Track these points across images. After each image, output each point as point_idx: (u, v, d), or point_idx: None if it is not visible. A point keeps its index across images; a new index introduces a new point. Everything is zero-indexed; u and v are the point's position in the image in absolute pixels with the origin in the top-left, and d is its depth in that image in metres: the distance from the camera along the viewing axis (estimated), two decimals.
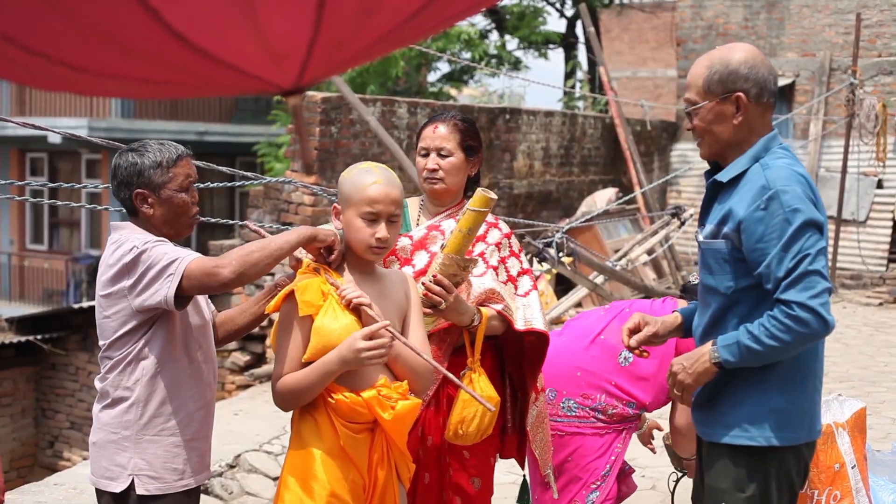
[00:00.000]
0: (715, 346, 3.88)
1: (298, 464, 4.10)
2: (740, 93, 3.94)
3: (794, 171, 3.89)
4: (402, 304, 4.26)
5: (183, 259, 4.05)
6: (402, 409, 4.04)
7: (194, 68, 1.74)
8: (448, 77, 25.90)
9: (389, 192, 4.07)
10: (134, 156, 4.28)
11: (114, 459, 4.25)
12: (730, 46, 4.09)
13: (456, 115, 4.82)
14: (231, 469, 8.27)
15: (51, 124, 22.93)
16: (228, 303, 13.26)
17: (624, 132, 19.26)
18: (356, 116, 12.91)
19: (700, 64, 4.03)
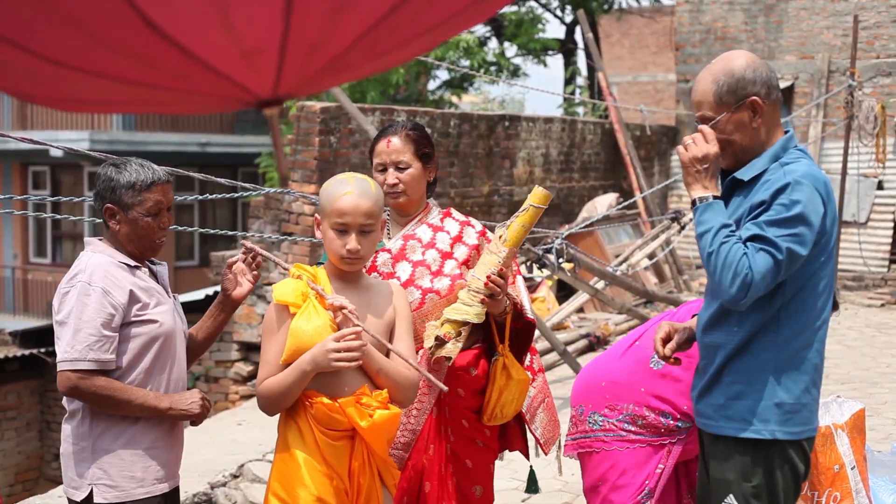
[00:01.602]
0: (702, 202, 4.03)
1: (284, 469, 4.13)
2: (754, 97, 4.00)
3: (814, 171, 3.96)
4: (389, 315, 4.27)
5: (86, 351, 4.17)
6: (380, 418, 4.06)
7: (173, 67, 1.75)
8: (448, 85, 25.94)
9: (359, 204, 4.10)
10: (113, 171, 4.37)
11: (76, 470, 4.33)
12: (727, 56, 4.13)
13: (406, 125, 4.83)
14: (235, 479, 8.28)
15: (52, 138, 22.99)
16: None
17: (624, 137, 19.27)
18: (355, 126, 12.93)
19: (704, 80, 4.06)
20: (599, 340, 13.40)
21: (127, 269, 4.36)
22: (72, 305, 4.20)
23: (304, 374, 4.02)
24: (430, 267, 4.74)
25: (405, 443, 4.69)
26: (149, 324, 4.35)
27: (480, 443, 4.84)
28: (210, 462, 8.62)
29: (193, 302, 13.56)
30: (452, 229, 4.86)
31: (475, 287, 4.52)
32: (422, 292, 4.69)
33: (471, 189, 15.24)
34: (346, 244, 4.10)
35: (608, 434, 4.96)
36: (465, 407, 4.76)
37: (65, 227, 28.02)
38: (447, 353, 4.50)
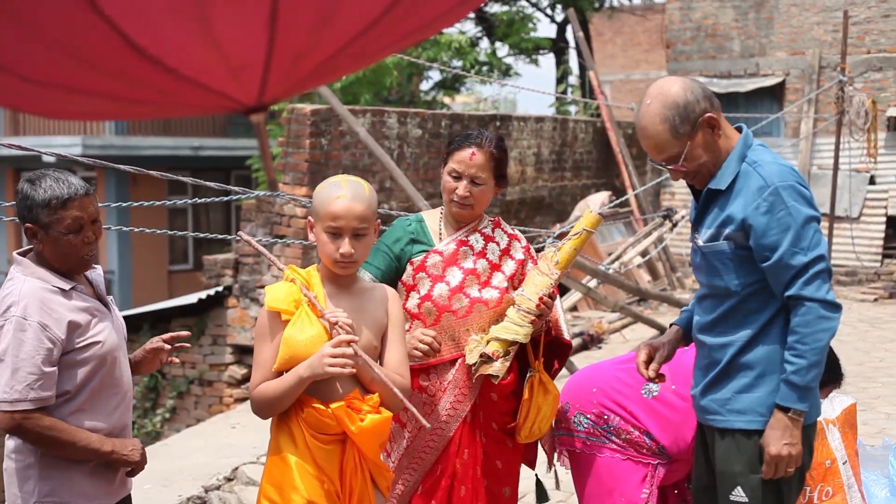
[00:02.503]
0: (785, 410, 3.96)
1: (276, 472, 4.13)
2: (705, 114, 3.99)
3: (784, 166, 4.01)
4: (381, 320, 4.25)
5: (27, 391, 4.04)
6: (370, 423, 4.06)
7: (158, 84, 1.76)
8: (440, 85, 25.95)
9: (352, 208, 4.07)
10: (29, 188, 4.15)
11: (20, 486, 4.21)
12: (658, 91, 4.05)
13: (492, 142, 4.75)
14: (229, 482, 8.29)
15: (45, 143, 23.00)
16: (224, 316, 13.29)
17: (615, 135, 19.29)
18: (346, 128, 12.94)
19: (652, 124, 4.01)
20: (593, 339, 13.41)
21: (62, 293, 4.19)
22: (8, 342, 4.02)
23: (301, 381, 4.01)
24: (480, 277, 4.74)
25: (433, 447, 4.70)
26: (92, 346, 4.23)
27: (510, 444, 4.84)
28: (204, 465, 8.63)
29: (187, 306, 13.55)
30: (502, 241, 4.87)
31: (526, 307, 4.54)
32: (470, 301, 4.69)
33: None
34: (339, 248, 4.07)
35: (591, 438, 4.99)
36: (497, 411, 4.77)
37: None
38: (495, 372, 4.51)
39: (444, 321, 4.67)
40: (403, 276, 4.77)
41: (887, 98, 19.46)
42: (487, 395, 4.70)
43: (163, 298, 20.58)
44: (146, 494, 7.68)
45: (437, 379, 4.71)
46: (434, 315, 4.68)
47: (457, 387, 4.68)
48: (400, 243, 4.79)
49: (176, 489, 7.99)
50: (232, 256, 13.39)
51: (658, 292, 15.58)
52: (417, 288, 4.73)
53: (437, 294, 4.68)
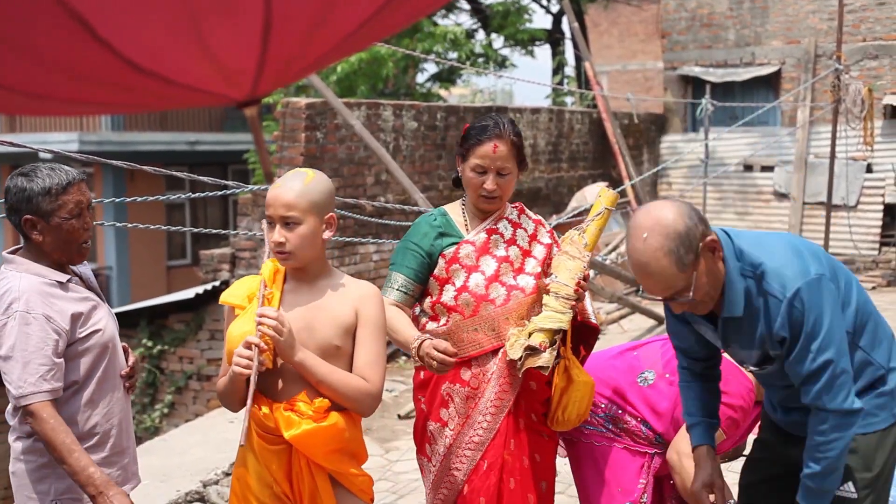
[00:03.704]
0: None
1: (238, 471, 4.12)
2: (706, 238, 3.78)
3: (779, 260, 3.84)
4: (346, 318, 4.11)
5: (41, 382, 4.07)
6: (304, 431, 3.97)
7: (151, 90, 1.77)
8: (436, 77, 25.92)
9: (279, 195, 3.99)
10: (23, 181, 4.20)
11: (35, 487, 4.24)
12: (654, 223, 3.74)
13: (509, 129, 4.69)
14: (227, 477, 8.29)
15: (41, 140, 22.99)
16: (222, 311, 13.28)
17: (612, 126, 19.28)
18: (341, 121, 12.92)
19: (655, 260, 3.71)
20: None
21: (59, 286, 4.25)
22: (14, 337, 4.06)
23: (231, 378, 3.97)
24: (513, 263, 4.72)
25: (479, 442, 4.66)
26: (94, 335, 4.29)
27: (546, 435, 4.80)
28: (202, 460, 8.64)
29: (184, 301, 13.55)
30: (528, 227, 4.84)
31: (565, 294, 4.50)
32: (507, 289, 4.66)
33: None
34: (273, 237, 4.01)
35: (588, 427, 5.00)
36: (536, 400, 4.72)
37: None
38: (545, 363, 4.45)
39: (482, 311, 4.64)
40: (435, 271, 4.73)
41: (883, 86, 19.45)
42: (527, 385, 4.66)
43: (161, 294, 20.58)
44: (144, 490, 7.67)
45: (480, 371, 4.66)
46: (472, 306, 4.64)
47: (500, 377, 4.63)
48: (428, 238, 4.74)
49: (174, 484, 8.00)
50: (229, 251, 13.38)
51: None
52: (452, 280, 4.69)
53: (474, 284, 4.65)
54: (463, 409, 4.66)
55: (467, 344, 4.65)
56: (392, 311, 4.62)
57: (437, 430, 4.72)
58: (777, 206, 19.88)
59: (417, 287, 4.74)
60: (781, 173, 19.79)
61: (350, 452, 4.15)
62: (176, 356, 13.83)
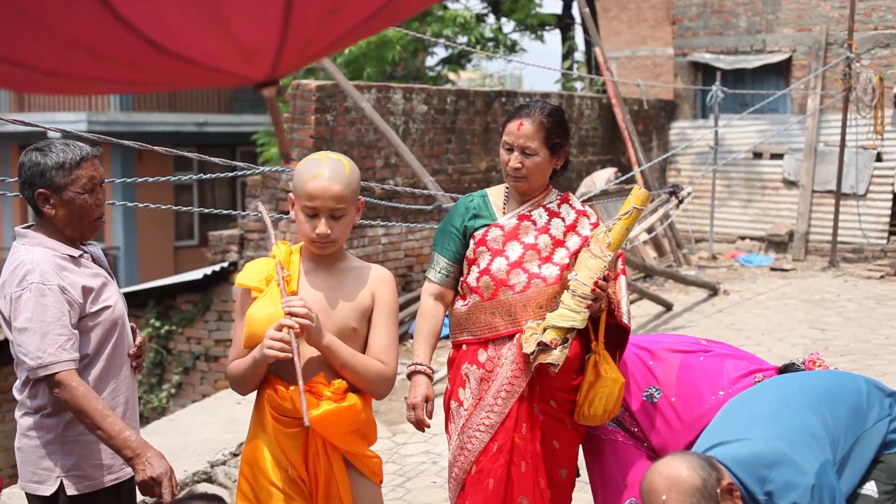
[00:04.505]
0: None
1: (249, 454, 4.13)
2: (722, 483, 3.76)
3: (784, 473, 3.84)
4: (363, 301, 4.15)
5: (60, 352, 4.08)
6: (325, 412, 3.98)
7: (170, 69, 1.77)
8: (446, 61, 25.89)
9: (329, 188, 3.98)
10: (38, 155, 4.23)
11: (39, 464, 4.24)
12: (666, 481, 3.73)
13: (543, 110, 4.71)
14: (234, 457, 8.30)
15: (50, 120, 22.98)
16: (229, 292, 13.29)
17: (621, 112, 19.24)
18: (351, 104, 12.91)
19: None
20: None
21: (71, 260, 4.26)
22: (32, 308, 4.08)
23: (256, 362, 3.99)
24: (541, 252, 4.72)
25: (490, 425, 4.67)
26: (104, 311, 4.31)
27: (569, 424, 4.80)
28: (209, 441, 8.64)
29: (192, 282, 13.56)
30: (568, 217, 4.82)
31: (581, 293, 4.49)
32: (528, 276, 4.67)
33: (468, 165, 15.23)
34: (314, 228, 4.01)
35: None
36: (554, 387, 4.71)
37: None
38: (554, 360, 4.47)
39: (500, 295, 4.66)
40: (467, 251, 4.76)
41: (894, 75, 19.38)
42: (545, 371, 4.63)
43: (169, 274, 20.60)
44: None
45: (495, 354, 4.69)
46: (491, 289, 4.66)
47: (514, 362, 4.64)
48: (462, 219, 4.79)
49: (182, 464, 8.00)
50: (237, 232, 13.38)
51: (664, 269, 15.59)
52: (478, 261, 4.72)
53: (496, 268, 4.67)
54: (477, 391, 4.68)
55: (483, 326, 4.67)
56: (426, 309, 4.71)
57: (455, 409, 4.78)
58: (786, 193, 19.83)
59: (457, 268, 4.81)
60: (791, 161, 19.74)
61: (363, 434, 4.19)
62: (183, 336, 13.84)
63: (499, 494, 4.66)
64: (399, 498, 7.51)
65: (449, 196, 11.09)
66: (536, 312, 4.62)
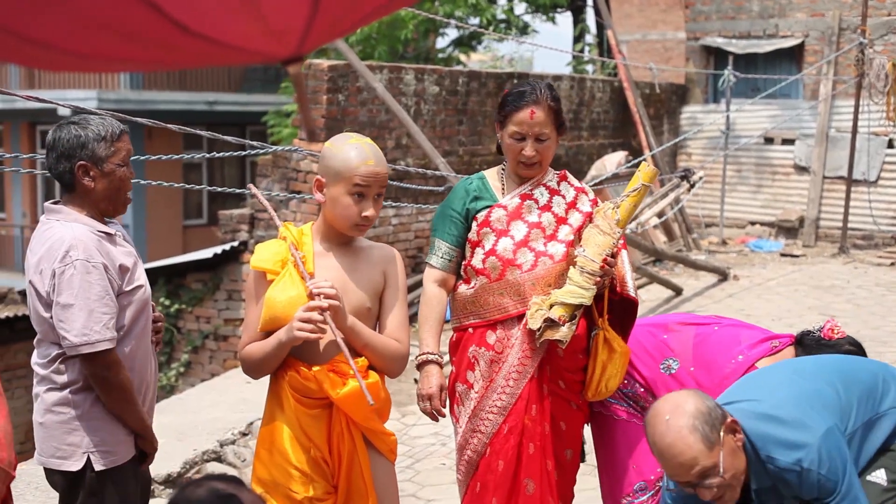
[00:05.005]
0: None
1: (266, 437, 4.15)
2: (727, 419, 3.78)
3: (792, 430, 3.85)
4: (375, 280, 4.21)
5: (104, 330, 4.14)
6: (352, 389, 4.02)
7: (195, 50, 1.76)
8: (456, 43, 25.82)
9: (379, 172, 4.10)
10: (77, 128, 4.24)
11: (64, 439, 4.27)
12: (671, 405, 3.80)
13: (547, 94, 4.68)
14: (244, 437, 8.31)
15: (60, 97, 22.96)
16: (239, 272, 13.30)
17: (633, 95, 19.20)
18: (363, 84, 12.88)
19: (681, 437, 3.71)
20: None
21: (107, 238, 4.30)
22: (77, 286, 4.10)
23: (280, 344, 4.01)
24: (545, 230, 4.71)
25: (502, 406, 4.66)
26: (138, 290, 4.36)
27: (574, 405, 4.81)
28: (219, 420, 8.66)
29: (202, 260, 13.56)
30: (568, 194, 4.82)
31: (590, 269, 4.50)
32: (535, 255, 4.66)
33: (479, 147, 15.20)
34: (362, 211, 4.07)
35: (610, 400, 4.96)
36: (563, 368, 4.71)
37: None
38: (562, 337, 4.48)
39: (508, 275, 4.64)
40: (469, 234, 4.74)
41: None
42: (554, 351, 4.64)
43: (177, 253, 20.60)
44: (161, 448, 7.68)
45: (505, 335, 4.67)
46: (499, 270, 4.65)
47: (524, 343, 4.63)
48: (463, 202, 4.76)
49: (191, 443, 8.02)
50: (248, 211, 13.38)
51: (674, 253, 15.57)
52: (482, 243, 4.71)
53: (502, 248, 4.66)
54: (487, 373, 4.67)
55: (492, 308, 4.66)
56: (431, 296, 4.69)
57: (463, 392, 4.75)
58: (797, 179, 19.78)
59: (459, 252, 4.79)
60: (802, 147, 19.69)
61: (381, 412, 4.23)
62: (193, 315, 13.85)
63: (507, 476, 4.67)
64: (408, 479, 7.52)
65: (460, 178, 11.07)
66: (545, 290, 4.61)
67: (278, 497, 4.10)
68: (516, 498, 4.67)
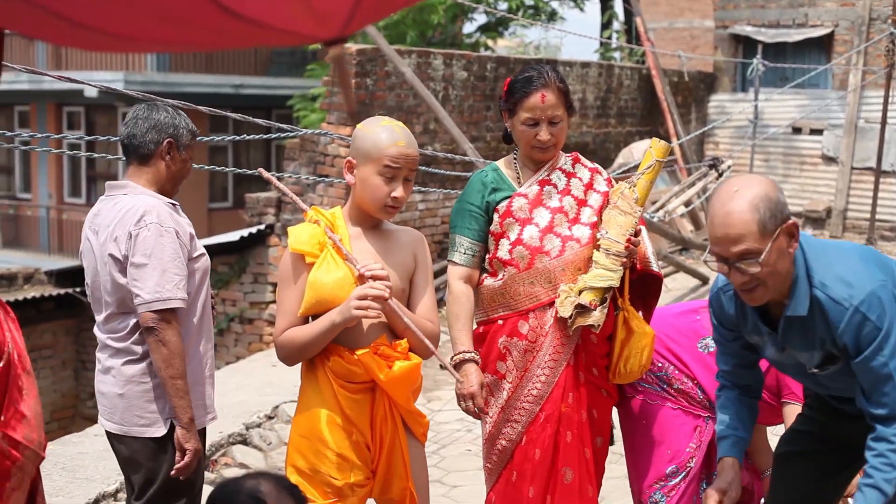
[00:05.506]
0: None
1: (304, 425, 4.15)
2: (790, 220, 3.67)
3: (849, 273, 3.74)
4: (407, 263, 4.24)
5: (175, 290, 4.38)
6: (399, 370, 4.05)
7: (239, 32, 1.76)
8: (483, 29, 25.77)
9: (410, 153, 4.10)
10: (175, 113, 4.65)
11: (146, 408, 4.48)
12: (742, 182, 3.72)
13: (554, 76, 4.66)
14: (269, 420, 8.33)
15: (87, 78, 22.99)
16: (266, 255, 13.31)
17: (661, 83, 19.14)
18: (392, 68, 12.86)
19: (739, 210, 3.62)
20: None
21: (173, 208, 4.57)
22: (151, 246, 4.34)
23: (334, 326, 4.01)
24: (568, 214, 4.68)
25: (537, 395, 4.64)
26: (200, 258, 4.60)
27: (605, 392, 4.79)
28: (245, 403, 8.67)
29: (228, 243, 13.57)
30: (584, 176, 4.79)
31: (615, 251, 4.50)
32: (561, 240, 4.63)
33: None
34: (392, 191, 4.08)
35: (643, 384, 4.93)
36: (597, 354, 4.70)
37: (99, 167, 28.08)
38: (594, 322, 4.47)
39: (537, 263, 4.61)
40: (491, 227, 4.71)
41: None
42: (588, 338, 4.63)
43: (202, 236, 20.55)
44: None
45: (538, 324, 4.64)
46: (527, 259, 4.62)
47: (558, 330, 4.60)
48: (482, 196, 4.72)
49: (217, 426, 8.02)
50: (275, 195, 13.38)
51: (701, 242, 15.51)
52: (507, 234, 4.67)
53: (528, 236, 4.63)
54: (521, 363, 4.63)
55: (524, 297, 4.63)
56: (459, 294, 4.67)
57: (493, 382, 4.71)
58: (825, 170, 19.70)
59: (482, 247, 4.74)
60: (830, 137, 19.60)
61: (414, 393, 4.27)
62: (219, 298, 13.86)
63: (545, 464, 4.64)
64: (434, 465, 7.51)
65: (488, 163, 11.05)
66: (574, 275, 4.59)
67: (316, 485, 4.09)
68: (554, 486, 4.65)
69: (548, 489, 4.65)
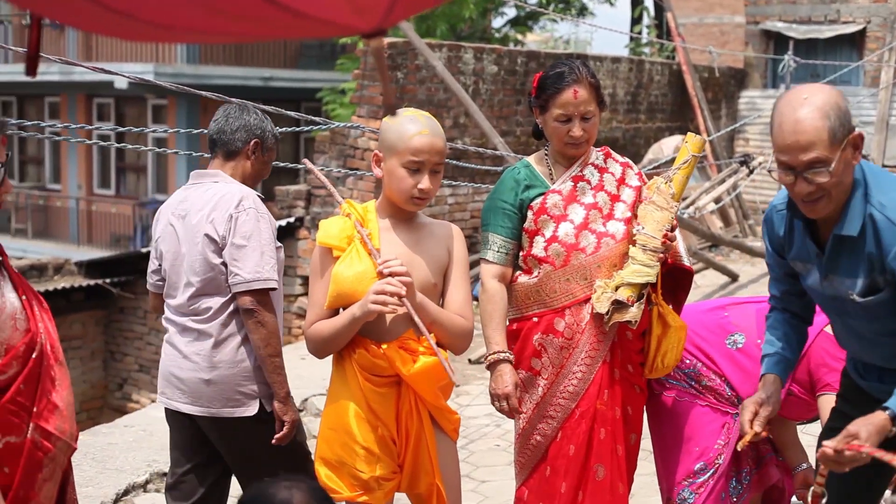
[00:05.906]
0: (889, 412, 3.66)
1: (332, 417, 4.16)
2: (856, 130, 3.58)
3: None
4: (441, 257, 4.22)
5: (272, 272, 4.60)
6: (423, 365, 4.04)
7: (280, 22, 1.75)
8: (513, 23, 25.73)
9: (434, 143, 4.08)
10: (262, 117, 4.93)
11: (237, 389, 4.65)
12: (810, 90, 3.60)
13: (585, 71, 4.63)
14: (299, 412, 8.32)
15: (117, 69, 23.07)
16: (295, 248, 13.33)
17: (691, 79, 19.08)
18: (422, 62, 12.85)
19: (810, 116, 3.50)
20: None
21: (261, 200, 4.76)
22: (251, 228, 4.56)
23: (354, 320, 4.01)
24: (602, 210, 4.66)
25: (573, 392, 4.62)
26: (280, 250, 4.74)
27: (638, 388, 4.77)
28: None
29: None
30: (616, 170, 4.77)
31: (652, 246, 4.48)
32: (596, 236, 4.61)
33: None
34: (418, 183, 4.06)
35: (671, 381, 4.91)
36: (633, 350, 4.69)
37: (129, 158, 28.19)
38: (632, 318, 4.45)
39: (573, 260, 4.59)
40: (525, 224, 4.68)
41: None
42: (623, 335, 4.61)
43: None
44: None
45: (574, 321, 4.62)
46: (563, 256, 4.60)
47: (595, 327, 4.58)
48: (515, 193, 4.69)
49: None
50: (304, 188, 13.39)
51: (730, 239, 15.46)
52: (542, 231, 4.64)
53: (563, 233, 4.60)
54: (557, 359, 4.62)
55: (560, 294, 4.61)
56: (493, 293, 4.64)
57: (527, 378, 4.69)
58: None
59: (515, 244, 4.71)
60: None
61: (444, 390, 4.23)
62: None
63: (578, 460, 4.63)
64: (463, 460, 7.49)
65: (518, 157, 11.04)
66: (610, 272, 4.57)
67: (343, 477, 4.10)
68: (586, 483, 4.64)
69: (580, 485, 4.64)
